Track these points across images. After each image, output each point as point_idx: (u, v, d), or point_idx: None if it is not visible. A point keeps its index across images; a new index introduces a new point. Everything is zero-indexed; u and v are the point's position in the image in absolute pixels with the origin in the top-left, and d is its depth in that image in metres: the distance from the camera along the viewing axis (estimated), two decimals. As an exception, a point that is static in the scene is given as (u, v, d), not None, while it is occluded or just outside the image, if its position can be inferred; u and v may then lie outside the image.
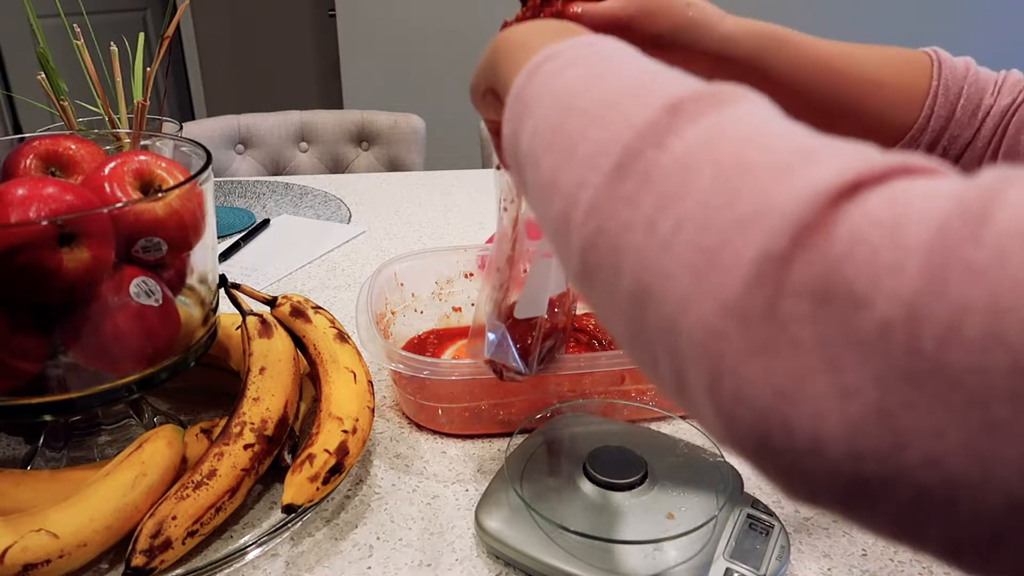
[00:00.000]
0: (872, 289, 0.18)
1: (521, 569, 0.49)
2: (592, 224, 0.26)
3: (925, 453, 0.18)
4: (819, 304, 0.19)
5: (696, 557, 0.47)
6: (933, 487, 0.18)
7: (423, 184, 1.27)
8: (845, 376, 0.19)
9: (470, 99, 0.44)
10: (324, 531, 0.53)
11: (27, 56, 2.67)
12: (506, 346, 0.54)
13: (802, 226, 0.20)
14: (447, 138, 2.32)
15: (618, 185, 0.26)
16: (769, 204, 0.21)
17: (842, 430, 0.19)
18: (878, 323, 0.18)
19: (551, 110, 0.30)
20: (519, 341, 0.54)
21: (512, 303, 0.54)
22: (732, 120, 0.25)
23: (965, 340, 0.17)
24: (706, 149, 0.24)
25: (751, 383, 0.20)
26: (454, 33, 2.47)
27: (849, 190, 0.20)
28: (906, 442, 0.18)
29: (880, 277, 0.18)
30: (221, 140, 1.54)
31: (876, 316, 0.18)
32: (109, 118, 0.76)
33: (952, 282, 0.17)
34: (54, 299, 0.45)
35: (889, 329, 0.18)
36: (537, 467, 0.53)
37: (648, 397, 0.64)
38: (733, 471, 0.54)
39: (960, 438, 0.17)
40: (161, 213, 0.48)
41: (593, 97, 0.29)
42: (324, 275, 0.93)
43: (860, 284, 0.19)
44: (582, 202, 0.27)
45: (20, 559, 0.44)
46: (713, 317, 0.21)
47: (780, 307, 0.20)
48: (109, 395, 0.49)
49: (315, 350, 0.60)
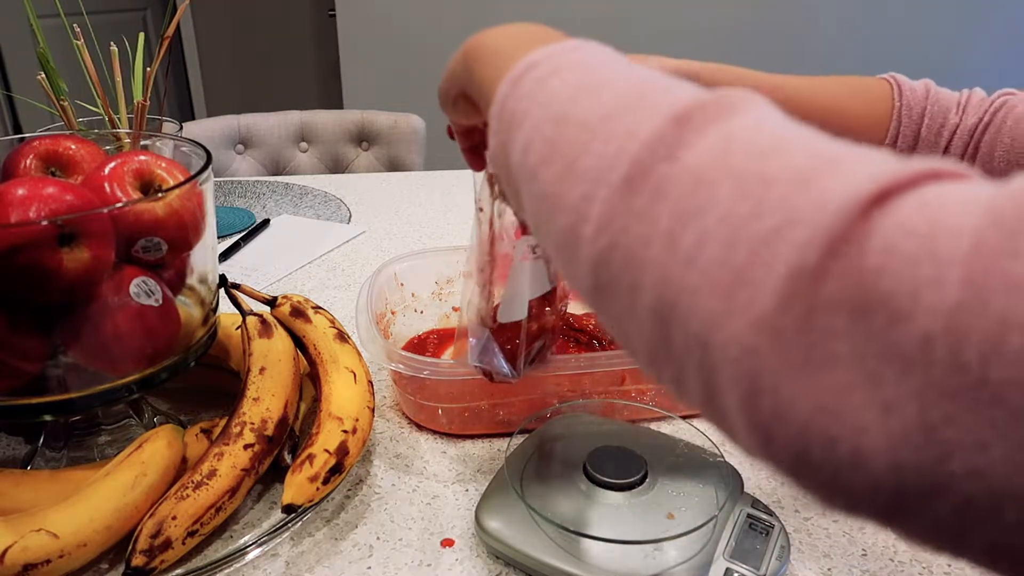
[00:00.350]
0: (911, 303, 0.18)
1: (521, 569, 0.49)
2: (604, 239, 0.26)
3: (969, 465, 0.18)
4: (856, 318, 0.19)
5: (696, 557, 0.47)
6: (977, 497, 0.18)
7: (423, 184, 1.27)
8: (886, 390, 0.19)
9: (440, 103, 0.42)
10: (324, 531, 0.53)
11: (27, 56, 2.67)
12: (491, 350, 0.54)
13: (833, 238, 0.20)
14: (447, 138, 2.33)
15: (630, 200, 0.25)
16: (796, 216, 0.21)
17: (884, 444, 0.19)
18: (918, 337, 0.18)
19: (542, 122, 0.30)
20: (505, 344, 0.54)
21: (495, 306, 0.54)
22: (743, 129, 0.24)
23: (1007, 354, 0.17)
24: (721, 161, 0.24)
25: (790, 400, 0.20)
26: (454, 33, 2.47)
27: (878, 198, 0.20)
28: (949, 454, 0.18)
29: (919, 291, 0.18)
30: (221, 140, 1.54)
31: (916, 330, 0.18)
32: (109, 118, 0.76)
33: (993, 296, 0.17)
34: (54, 299, 0.45)
35: (930, 343, 0.18)
36: (537, 467, 0.53)
37: (648, 397, 0.64)
38: (733, 471, 0.54)
39: (1003, 451, 0.17)
40: (161, 213, 0.48)
41: (587, 108, 0.28)
42: (324, 275, 0.93)
43: (899, 298, 0.18)
44: (591, 217, 0.26)
45: (20, 559, 0.44)
46: (747, 334, 0.21)
47: (815, 322, 0.20)
48: (109, 395, 0.49)
49: (315, 350, 0.60)
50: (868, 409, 0.19)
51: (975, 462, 0.17)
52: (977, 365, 0.17)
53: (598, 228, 0.26)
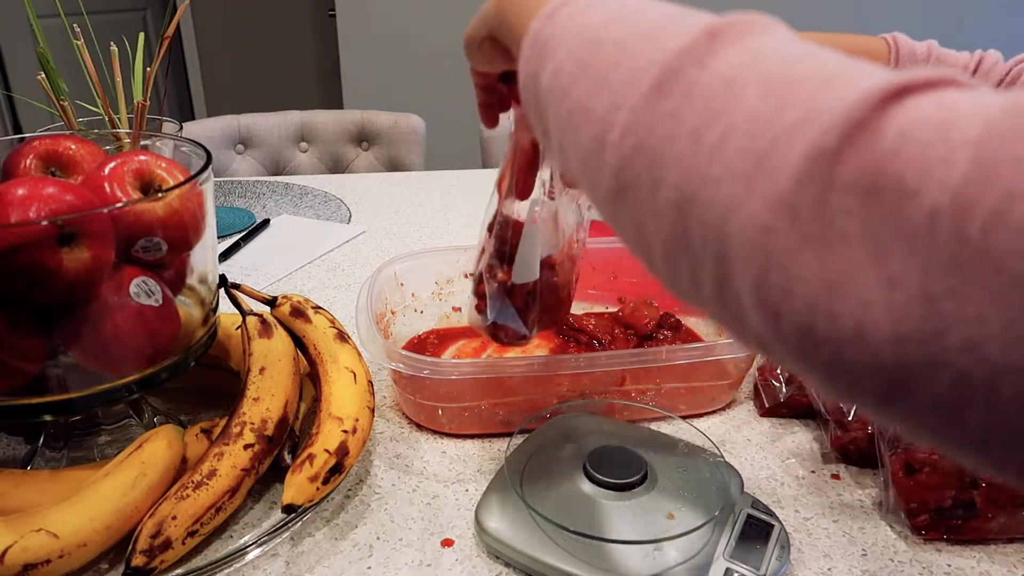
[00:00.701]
0: (921, 180, 0.19)
1: (521, 569, 0.49)
2: (630, 141, 0.27)
3: (967, 337, 0.18)
4: (868, 197, 0.20)
5: (696, 557, 0.47)
6: (973, 372, 0.18)
7: (423, 184, 1.27)
8: (892, 266, 0.19)
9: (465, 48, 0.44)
10: (324, 531, 0.53)
11: (27, 56, 2.67)
12: (507, 310, 0.56)
13: (852, 124, 0.21)
14: (447, 138, 2.32)
15: (658, 103, 0.26)
16: (818, 108, 0.22)
17: (886, 318, 0.19)
18: (926, 212, 0.19)
19: (576, 47, 0.31)
20: (517, 305, 0.56)
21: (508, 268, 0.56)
22: (773, 42, 0.26)
23: (1010, 225, 0.17)
24: (751, 66, 0.25)
25: (800, 276, 0.21)
26: (454, 33, 2.47)
27: (897, 93, 0.21)
28: (948, 327, 0.18)
29: (929, 169, 0.19)
30: (221, 140, 1.54)
31: (924, 205, 0.19)
32: (109, 118, 0.76)
33: (1001, 171, 0.18)
34: (54, 299, 0.45)
35: (936, 217, 0.18)
36: (537, 467, 0.53)
37: (648, 397, 0.64)
38: (733, 471, 0.54)
39: (1001, 323, 0.18)
40: (161, 213, 0.48)
41: (622, 31, 0.30)
42: (324, 275, 0.93)
43: (910, 176, 0.19)
44: (618, 123, 0.27)
45: (20, 559, 0.44)
46: (763, 214, 0.22)
47: (829, 201, 0.21)
48: (109, 395, 0.49)
49: (315, 350, 0.60)
50: (874, 284, 0.20)
51: (973, 335, 0.18)
52: (980, 237, 0.18)
53: (624, 132, 0.27)
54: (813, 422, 0.64)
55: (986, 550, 0.51)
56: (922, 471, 0.52)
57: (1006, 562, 0.50)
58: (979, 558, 0.51)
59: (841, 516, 0.54)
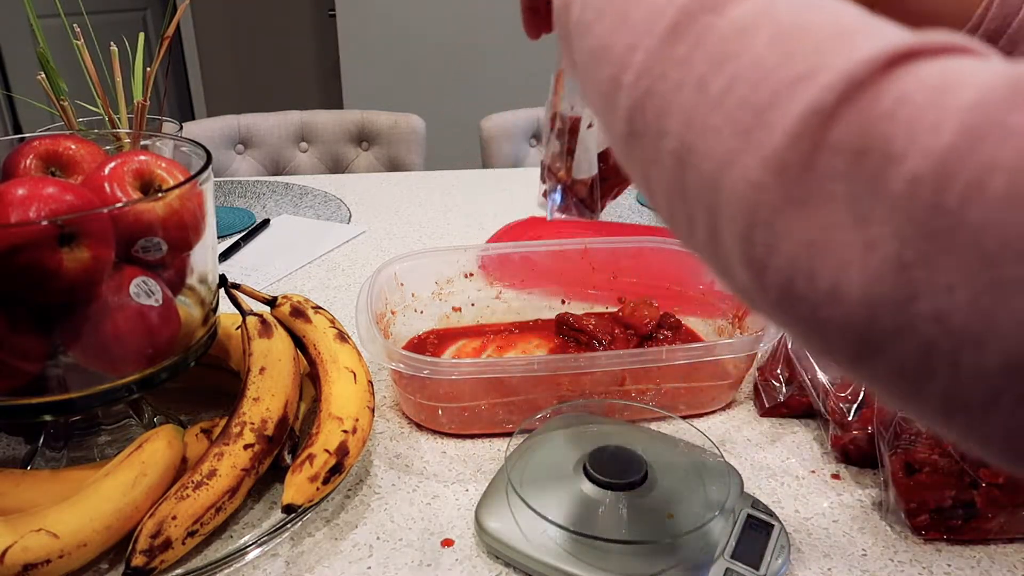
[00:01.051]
0: (907, 145, 0.19)
1: (521, 569, 0.49)
2: (642, 85, 0.27)
3: (934, 306, 0.18)
4: (855, 160, 0.20)
5: (696, 557, 0.47)
6: (938, 341, 0.18)
7: (423, 184, 1.27)
8: (871, 229, 0.19)
9: None
10: (324, 531, 0.53)
11: (27, 56, 2.67)
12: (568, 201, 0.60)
13: (853, 83, 0.21)
14: (447, 138, 2.32)
15: (671, 47, 0.26)
16: (824, 63, 0.21)
17: (861, 280, 0.20)
18: (907, 178, 0.19)
19: None
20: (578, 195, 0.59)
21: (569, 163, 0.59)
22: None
23: (987, 198, 0.17)
24: (765, 13, 0.24)
25: (783, 233, 0.22)
26: (454, 33, 2.47)
27: (904, 56, 0.21)
28: (918, 294, 0.19)
29: (917, 135, 0.19)
30: (221, 140, 1.54)
31: (907, 171, 0.19)
32: (109, 118, 0.76)
33: (985, 142, 0.18)
34: (54, 299, 0.45)
35: (917, 184, 0.18)
36: (537, 467, 0.53)
37: (648, 397, 0.64)
38: (733, 471, 0.54)
39: (968, 294, 0.18)
40: (161, 213, 0.48)
41: None
42: (324, 275, 0.93)
43: (898, 141, 0.19)
44: (633, 64, 0.27)
45: (20, 559, 0.44)
46: (755, 171, 0.22)
47: (818, 162, 0.21)
48: (109, 395, 0.49)
49: (315, 350, 0.60)
50: (852, 246, 0.20)
51: (940, 304, 0.18)
52: (956, 207, 0.18)
53: (638, 75, 0.27)
54: (813, 422, 0.64)
55: (986, 550, 0.51)
56: (922, 471, 0.52)
57: (1006, 562, 0.50)
58: (979, 558, 0.51)
59: (841, 516, 0.54)
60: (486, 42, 2.51)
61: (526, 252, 0.79)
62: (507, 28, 2.48)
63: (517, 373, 0.61)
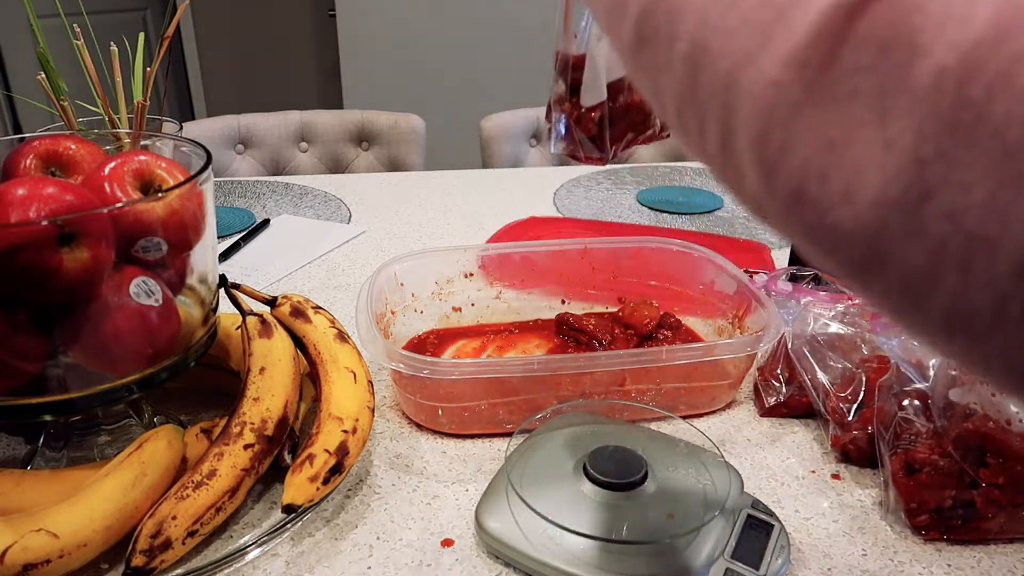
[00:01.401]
0: (936, 37, 0.18)
1: (521, 569, 0.49)
2: None
3: (950, 204, 0.18)
4: (881, 53, 0.19)
5: (696, 557, 0.47)
6: (949, 242, 0.18)
7: (423, 184, 1.27)
8: (892, 126, 0.19)
9: None
10: (324, 531, 0.53)
11: (27, 56, 2.67)
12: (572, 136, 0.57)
13: None
14: (447, 138, 2.33)
15: None
16: None
17: (876, 180, 0.19)
18: (933, 70, 0.18)
19: None
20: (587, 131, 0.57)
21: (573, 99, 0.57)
22: None
23: (1013, 90, 0.17)
24: None
25: (801, 133, 0.21)
26: (454, 33, 2.47)
27: None
28: (933, 191, 0.18)
29: (946, 26, 0.18)
30: (221, 140, 1.54)
31: (932, 63, 0.18)
32: (109, 118, 0.76)
33: (1013, 33, 0.17)
34: (54, 299, 0.45)
35: (942, 76, 0.18)
36: (537, 467, 0.53)
37: (648, 397, 0.64)
38: (733, 471, 0.54)
39: (985, 192, 0.17)
40: (161, 213, 0.48)
41: None
42: (324, 275, 0.93)
43: (926, 33, 0.19)
44: None
45: (20, 559, 0.44)
46: (774, 68, 0.21)
47: (842, 56, 0.20)
48: (109, 395, 0.49)
49: (315, 350, 0.60)
50: (872, 145, 0.19)
51: (956, 201, 0.18)
52: (982, 99, 0.17)
53: None
54: (813, 422, 0.64)
55: (986, 550, 0.51)
56: (922, 471, 0.52)
57: (1006, 562, 0.50)
58: (979, 558, 0.51)
59: (841, 516, 0.54)
60: (486, 42, 2.51)
61: (526, 252, 0.79)
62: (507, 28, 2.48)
63: (517, 373, 0.61)
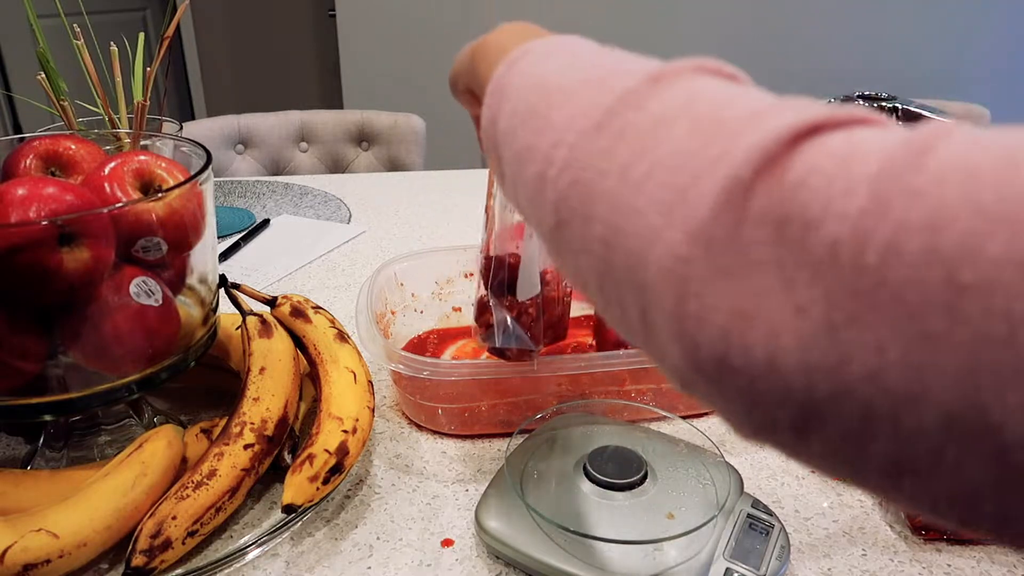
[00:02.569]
0: (823, 212, 0.20)
1: (521, 569, 0.49)
2: (567, 177, 0.28)
3: (868, 366, 0.19)
4: (778, 228, 0.21)
5: (696, 557, 0.47)
6: (876, 402, 0.19)
7: (423, 184, 1.27)
8: (799, 294, 0.20)
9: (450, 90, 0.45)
10: (324, 531, 0.53)
11: (27, 56, 2.67)
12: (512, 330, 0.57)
13: (766, 158, 0.22)
14: (447, 138, 2.32)
15: (594, 140, 0.27)
16: (738, 143, 0.23)
17: (795, 345, 0.20)
18: (828, 242, 0.19)
19: (529, 92, 0.32)
20: (523, 323, 0.58)
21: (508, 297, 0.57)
22: (710, 85, 0.26)
23: (905, 256, 0.18)
24: (684, 106, 0.26)
25: (714, 305, 0.22)
26: (454, 33, 2.47)
27: (810, 130, 0.22)
28: (851, 356, 0.19)
29: (831, 201, 0.20)
30: (221, 140, 1.54)
31: (826, 235, 0.19)
32: (109, 118, 0.76)
33: (894, 203, 0.18)
34: (54, 299, 0.45)
35: (837, 247, 0.19)
36: (537, 467, 0.53)
37: (648, 397, 0.64)
38: (733, 471, 0.54)
39: (899, 351, 0.18)
40: (161, 213, 0.48)
41: (573, 77, 0.31)
42: (324, 275, 0.93)
43: (813, 208, 0.20)
44: (557, 160, 0.28)
45: (20, 559, 0.44)
46: (681, 245, 0.23)
47: (743, 232, 0.21)
48: (109, 395, 0.49)
49: (315, 350, 0.60)
50: (782, 312, 0.20)
51: (873, 364, 0.18)
52: (877, 266, 0.18)
53: (562, 168, 0.28)
54: (813, 422, 0.64)
55: (986, 550, 0.51)
56: (922, 471, 0.52)
57: (1006, 562, 0.50)
58: (979, 558, 0.51)
59: (841, 516, 0.54)
60: (486, 42, 2.50)
61: (526, 252, 0.79)
62: (507, 28, 2.47)
63: (517, 373, 0.61)
